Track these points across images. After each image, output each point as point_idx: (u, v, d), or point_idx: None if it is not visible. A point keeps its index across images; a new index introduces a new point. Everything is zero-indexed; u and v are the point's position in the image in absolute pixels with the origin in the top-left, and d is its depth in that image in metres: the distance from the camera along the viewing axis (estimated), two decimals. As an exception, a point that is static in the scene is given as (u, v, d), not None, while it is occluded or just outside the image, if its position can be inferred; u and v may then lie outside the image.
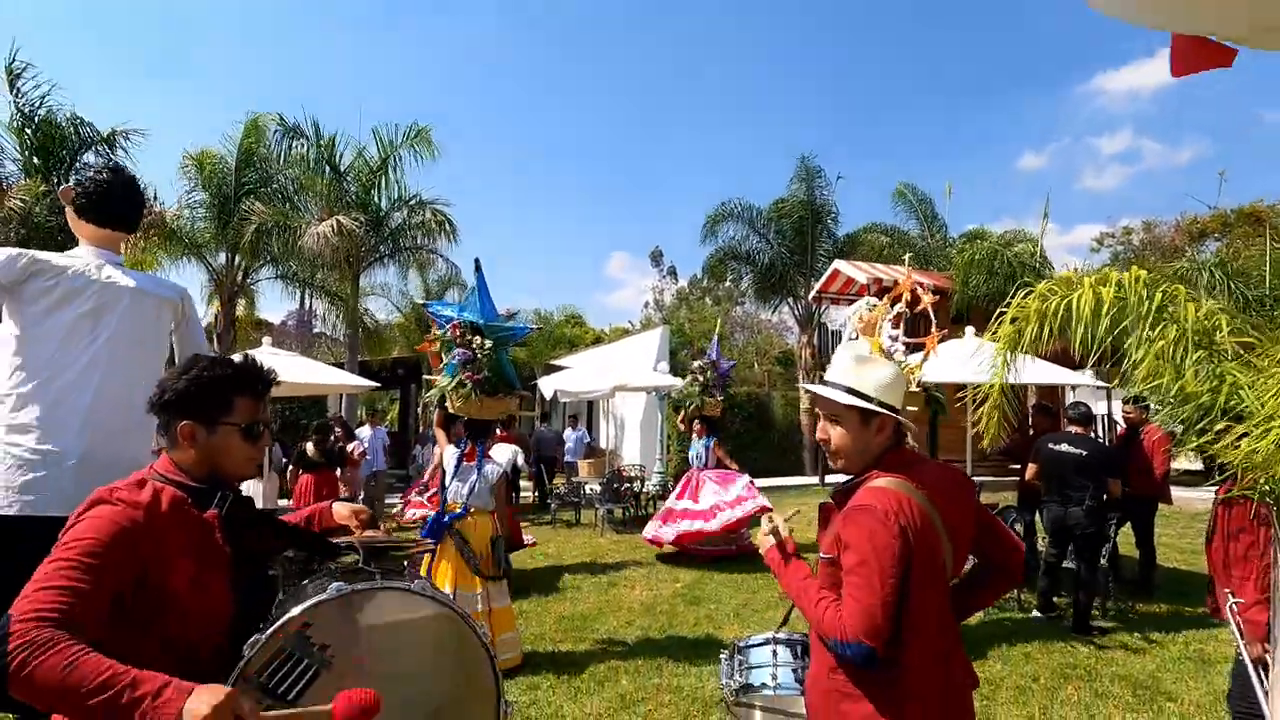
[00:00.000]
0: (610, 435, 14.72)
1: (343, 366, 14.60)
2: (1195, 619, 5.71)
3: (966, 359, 6.37)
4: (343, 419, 12.66)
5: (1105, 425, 14.07)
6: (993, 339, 2.94)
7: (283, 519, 2.00)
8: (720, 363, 9.16)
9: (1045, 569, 5.91)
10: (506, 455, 9.70)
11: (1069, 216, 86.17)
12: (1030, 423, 7.45)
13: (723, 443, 8.98)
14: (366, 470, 10.99)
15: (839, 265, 16.75)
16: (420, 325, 19.57)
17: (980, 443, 3.83)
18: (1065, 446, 5.68)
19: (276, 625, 1.51)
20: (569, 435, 14.51)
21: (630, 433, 17.33)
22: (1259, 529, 2.81)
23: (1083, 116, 69.93)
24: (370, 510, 2.07)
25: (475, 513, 4.75)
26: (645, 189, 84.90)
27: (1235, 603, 2.76)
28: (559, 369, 17.22)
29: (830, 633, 1.56)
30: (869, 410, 1.71)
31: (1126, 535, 6.88)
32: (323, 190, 16.12)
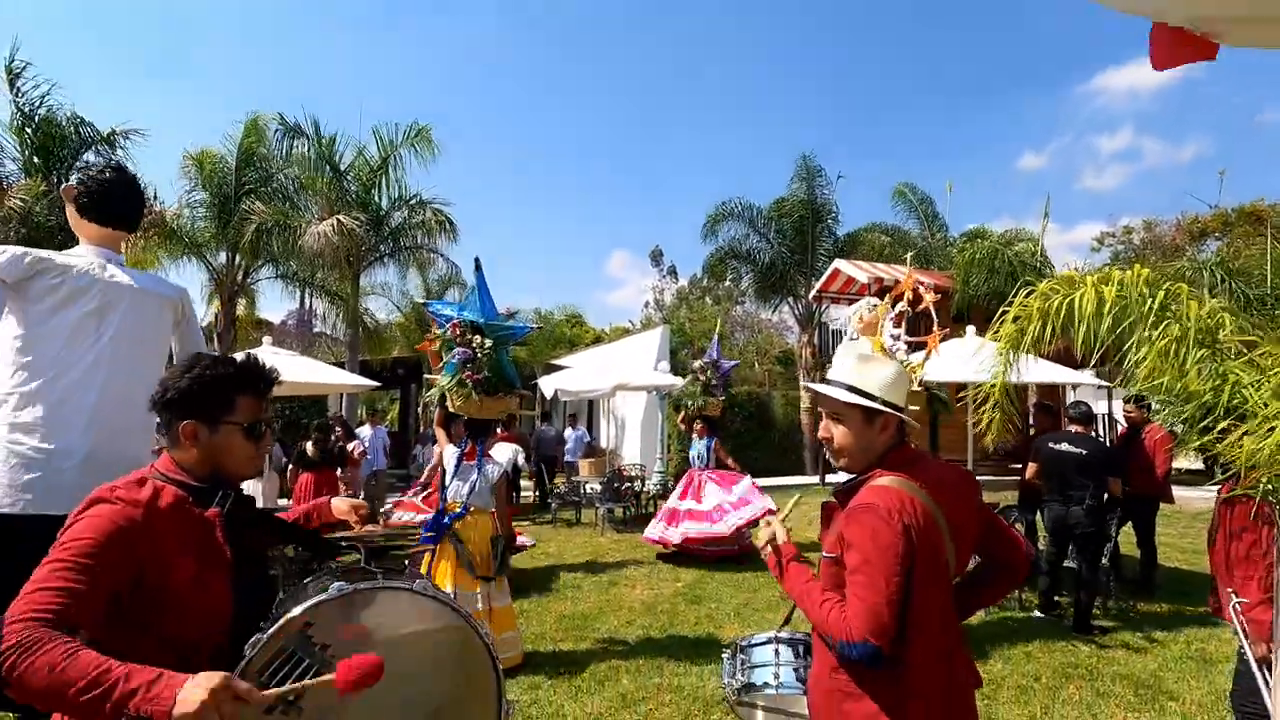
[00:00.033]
0: (611, 435, 14.72)
1: (343, 366, 14.59)
2: (1197, 618, 5.71)
3: (968, 358, 6.37)
4: (343, 418, 12.67)
5: (1106, 424, 14.05)
6: (995, 338, 2.94)
7: (281, 516, 2.00)
8: (722, 362, 9.15)
9: (1046, 568, 5.91)
10: (507, 454, 9.70)
11: (1070, 215, 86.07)
12: (1031, 421, 7.44)
13: (724, 442, 8.98)
14: (367, 469, 11.00)
15: (839, 264, 16.75)
16: (420, 325, 19.54)
17: (981, 441, 3.83)
18: (1065, 446, 5.68)
19: (278, 625, 1.51)
20: (569, 435, 14.51)
21: (630, 432, 17.32)
22: (1261, 528, 2.81)
23: (1083, 116, 70.00)
24: (369, 505, 2.07)
25: (475, 512, 4.74)
26: (645, 189, 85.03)
27: (1239, 602, 2.75)
28: (559, 368, 17.21)
29: (836, 633, 1.54)
30: (872, 409, 1.71)
31: (1128, 534, 6.87)
32: (323, 189, 16.12)
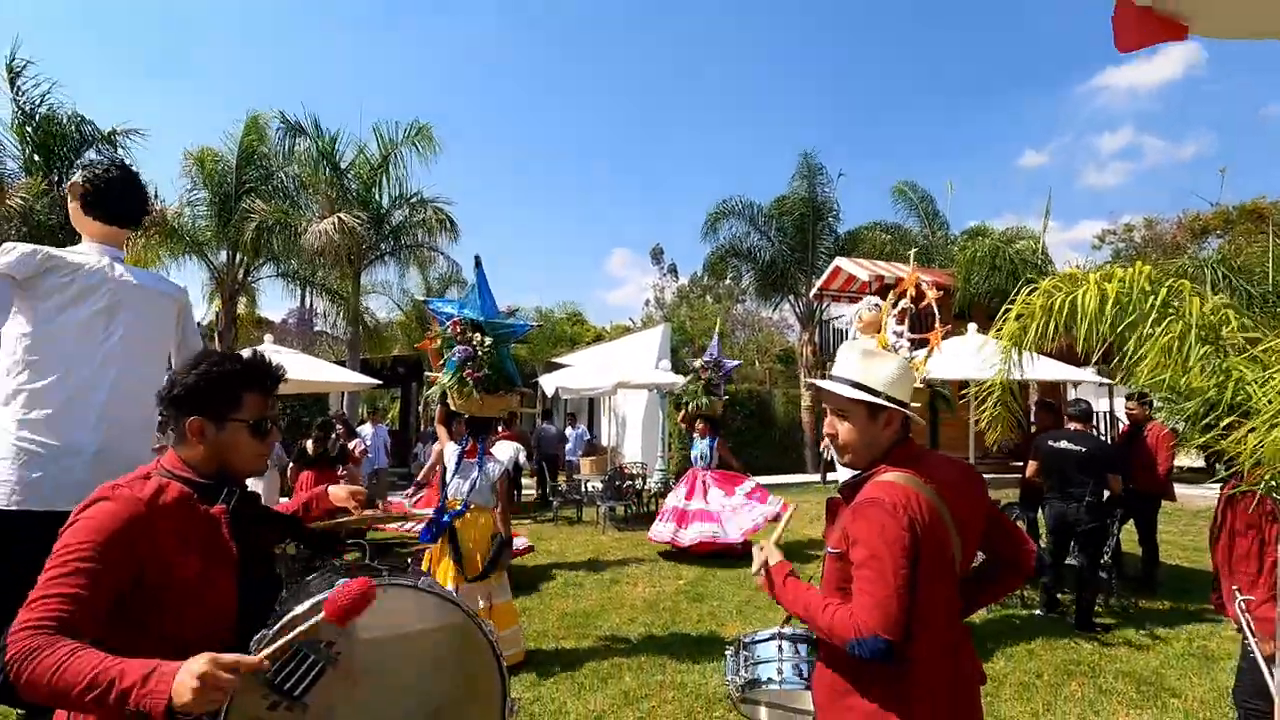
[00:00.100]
0: (612, 433, 14.70)
1: (344, 364, 14.58)
2: (1198, 616, 5.71)
3: (969, 356, 6.37)
4: (344, 417, 12.68)
5: (1108, 422, 14.05)
6: (997, 336, 2.93)
7: (280, 508, 2.00)
8: (724, 362, 9.13)
9: (1048, 566, 5.91)
10: (508, 453, 9.70)
11: (1071, 213, 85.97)
12: (1033, 419, 7.43)
13: (725, 441, 8.97)
14: (368, 468, 11.01)
15: (840, 262, 16.73)
16: (421, 323, 19.53)
17: (983, 439, 3.83)
18: (1065, 443, 5.68)
19: (283, 621, 1.51)
20: (570, 433, 14.52)
21: (632, 430, 17.31)
22: (1265, 525, 2.81)
23: (1084, 114, 69.78)
24: (366, 492, 2.07)
25: (475, 509, 4.73)
26: (645, 188, 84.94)
27: (1244, 600, 2.75)
28: (560, 366, 17.20)
29: (845, 633, 1.52)
30: (877, 405, 1.70)
31: (1129, 532, 6.87)
32: (324, 188, 16.11)
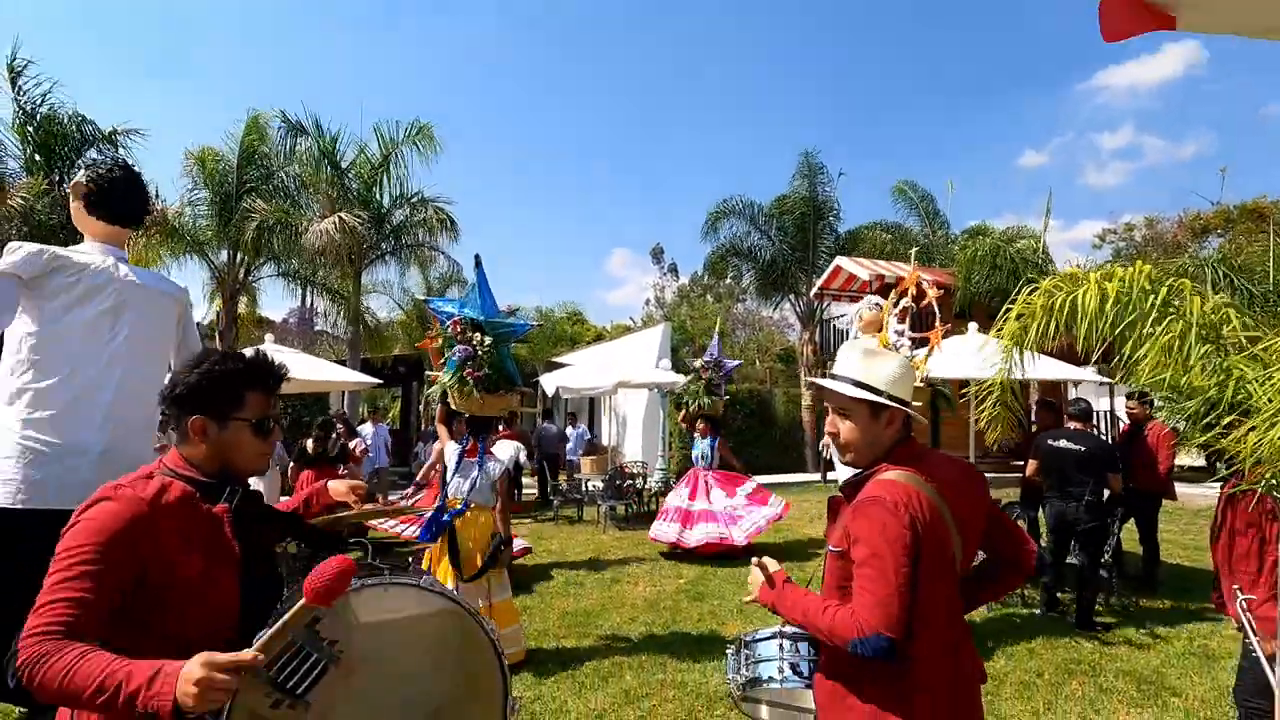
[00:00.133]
0: (612, 432, 14.71)
1: (344, 364, 14.58)
2: (1199, 615, 5.71)
3: (970, 355, 6.37)
4: (345, 416, 12.69)
5: (1109, 421, 14.04)
6: (998, 335, 2.93)
7: (281, 506, 2.00)
8: (725, 362, 9.13)
9: (1048, 565, 5.91)
10: (509, 452, 9.71)
11: (1071, 212, 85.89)
12: (1033, 418, 7.43)
13: (726, 442, 8.97)
14: (369, 467, 11.02)
15: (841, 262, 16.73)
16: (422, 323, 19.54)
17: (983, 439, 3.83)
18: (1064, 442, 5.68)
19: (283, 620, 1.51)
20: (570, 432, 14.53)
21: (632, 429, 17.32)
22: (1265, 524, 2.81)
23: (1084, 114, 69.70)
24: (366, 485, 2.08)
25: (475, 508, 4.73)
26: (645, 188, 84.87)
27: (1245, 599, 2.74)
28: (561, 366, 17.20)
29: (847, 632, 1.51)
30: (878, 403, 1.71)
31: (1130, 531, 6.88)
32: (325, 187, 16.11)
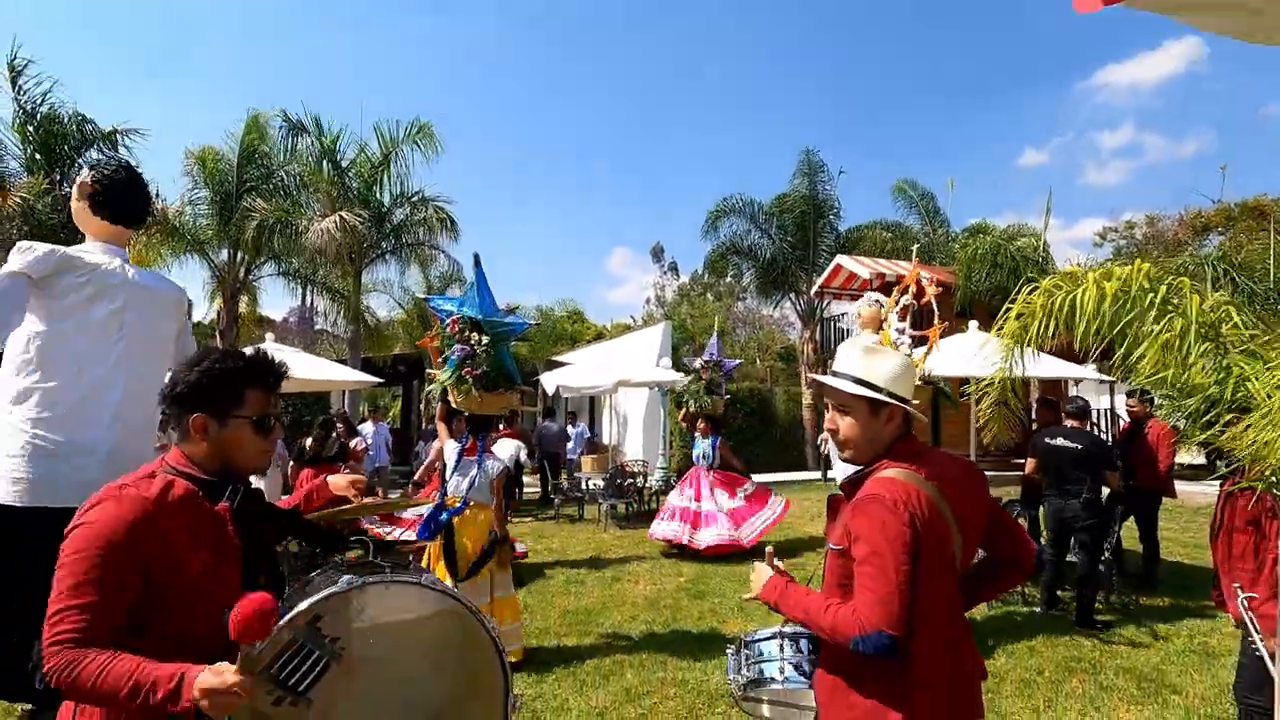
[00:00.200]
0: (613, 431, 14.70)
1: (345, 363, 14.58)
2: (1199, 612, 5.72)
3: (970, 354, 6.36)
4: (345, 415, 12.69)
5: (1109, 419, 14.05)
6: (999, 334, 2.93)
7: (282, 504, 2.01)
8: (725, 361, 9.13)
9: (1048, 563, 5.91)
10: (509, 451, 9.71)
11: (1072, 211, 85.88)
12: (1034, 417, 7.44)
13: (726, 441, 8.97)
14: (369, 466, 11.02)
15: (841, 260, 16.74)
16: (422, 321, 19.53)
17: (983, 437, 3.83)
18: (1061, 440, 5.69)
19: (288, 617, 1.52)
20: (571, 431, 14.52)
21: (633, 428, 17.32)
22: (1265, 522, 2.81)
23: (1084, 113, 69.69)
24: (366, 479, 2.08)
25: (474, 506, 4.73)
26: (646, 188, 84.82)
27: (1247, 597, 2.74)
28: (561, 365, 17.19)
29: (848, 630, 1.51)
30: (878, 400, 1.71)
31: (1130, 529, 6.88)
32: (325, 186, 16.11)
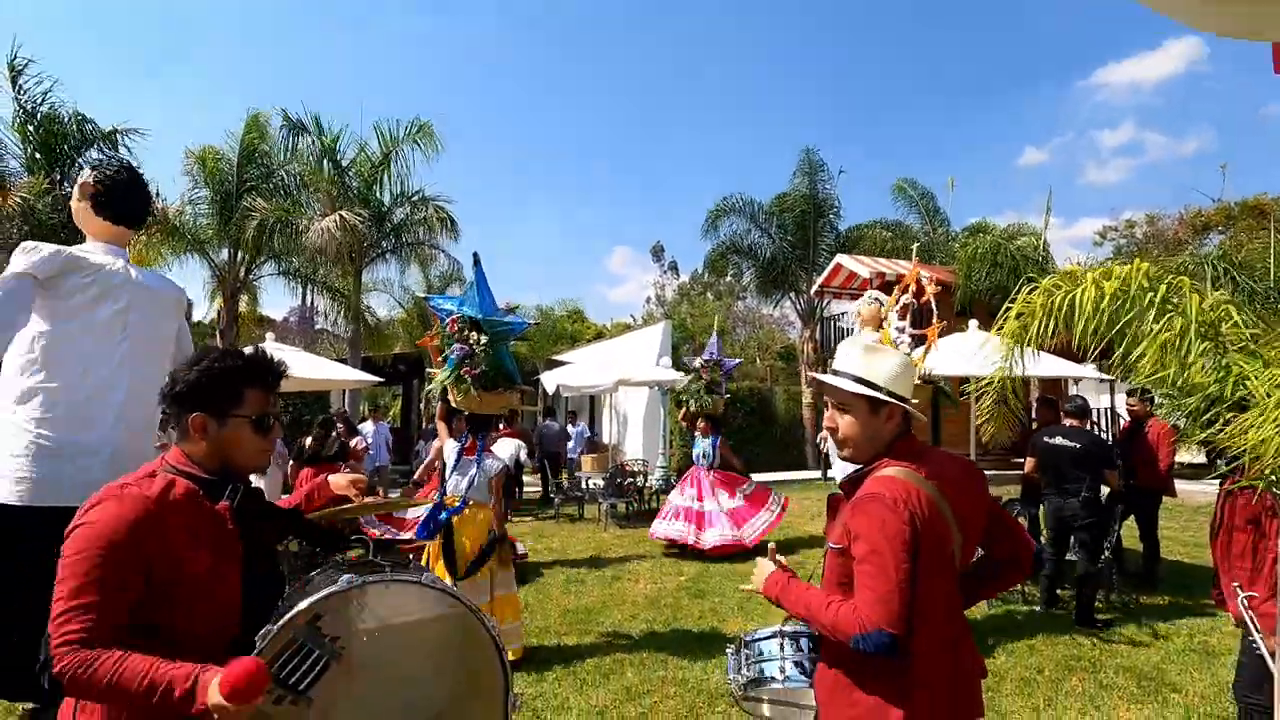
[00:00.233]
0: (613, 430, 14.72)
1: (345, 362, 14.58)
2: (1199, 611, 5.72)
3: (970, 353, 6.36)
4: (345, 414, 12.70)
5: (1109, 418, 14.04)
6: (999, 333, 2.93)
7: (282, 504, 2.01)
8: (725, 361, 9.12)
9: (1048, 561, 5.91)
10: (509, 450, 9.71)
11: (1072, 210, 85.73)
12: (1034, 416, 7.44)
13: (726, 441, 8.97)
14: (370, 465, 11.02)
15: (841, 259, 16.73)
16: (422, 320, 19.53)
17: (982, 436, 3.84)
18: (1060, 439, 5.69)
19: (289, 616, 1.52)
20: (571, 431, 14.53)
21: (633, 428, 17.33)
22: (1265, 520, 2.81)
23: (1084, 112, 69.55)
24: (366, 478, 2.08)
25: (474, 505, 4.73)
26: (646, 188, 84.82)
27: (1247, 596, 2.74)
28: (561, 364, 17.20)
29: (849, 629, 1.52)
30: (878, 399, 1.71)
31: (1130, 528, 6.88)
32: (325, 186, 16.11)
